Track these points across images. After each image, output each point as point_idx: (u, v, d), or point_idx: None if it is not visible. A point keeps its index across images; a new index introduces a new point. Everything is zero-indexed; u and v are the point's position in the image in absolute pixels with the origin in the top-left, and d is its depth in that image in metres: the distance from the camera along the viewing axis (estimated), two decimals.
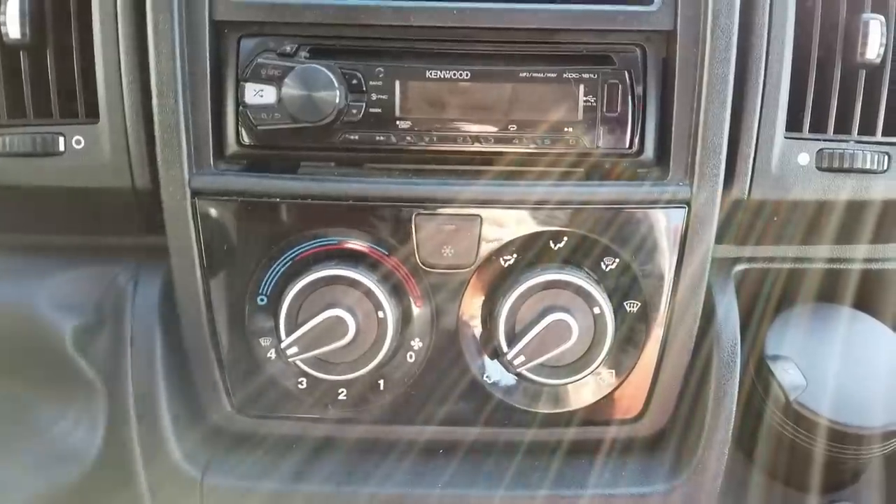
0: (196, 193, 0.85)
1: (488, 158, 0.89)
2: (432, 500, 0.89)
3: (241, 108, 0.86)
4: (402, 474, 0.91)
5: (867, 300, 1.02)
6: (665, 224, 0.86)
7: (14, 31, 0.85)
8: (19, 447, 0.84)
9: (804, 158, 0.89)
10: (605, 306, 0.84)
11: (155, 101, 0.83)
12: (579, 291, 0.84)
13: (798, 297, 1.02)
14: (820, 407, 0.90)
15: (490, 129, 0.87)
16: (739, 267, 0.99)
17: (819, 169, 0.89)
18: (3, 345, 0.88)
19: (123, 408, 0.89)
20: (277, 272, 0.86)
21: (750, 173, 0.88)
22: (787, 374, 0.92)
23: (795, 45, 0.87)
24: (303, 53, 0.86)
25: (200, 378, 0.91)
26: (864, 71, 0.89)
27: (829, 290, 1.02)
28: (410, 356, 0.89)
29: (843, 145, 0.89)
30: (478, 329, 0.89)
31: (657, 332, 0.89)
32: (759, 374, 0.95)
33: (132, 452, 0.88)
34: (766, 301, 1.01)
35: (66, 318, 0.88)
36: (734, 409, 0.90)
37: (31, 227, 0.99)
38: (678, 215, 0.86)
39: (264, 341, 0.89)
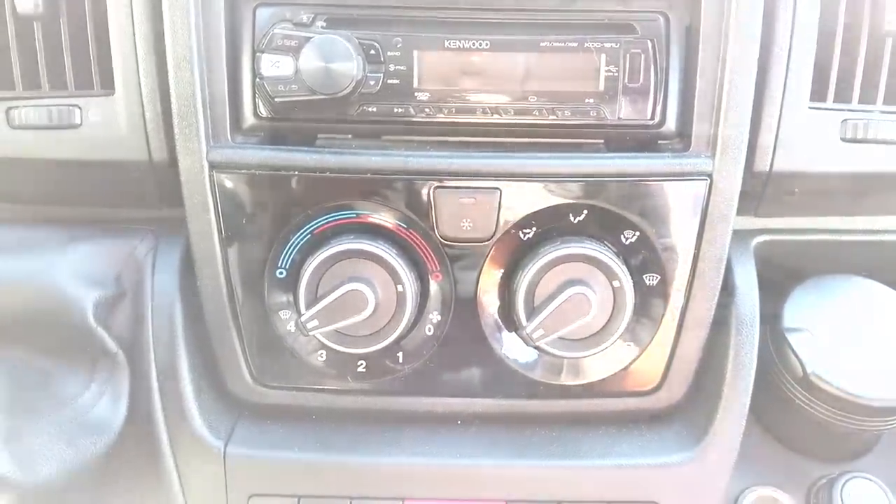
0: (214, 167, 0.85)
1: (507, 130, 0.88)
2: (450, 469, 0.90)
3: (257, 79, 0.85)
4: (419, 445, 0.92)
5: (886, 271, 1.01)
6: (686, 197, 0.85)
7: (27, 3, 0.83)
8: (46, 417, 0.85)
9: (828, 129, 0.88)
10: (625, 279, 0.84)
11: (171, 72, 0.82)
12: (598, 265, 0.84)
13: (816, 268, 1.02)
14: (836, 379, 0.90)
15: (509, 100, 0.86)
16: (759, 239, 0.98)
17: (843, 140, 0.88)
18: (26, 316, 0.88)
19: (146, 379, 0.90)
20: (296, 246, 0.86)
21: (773, 145, 0.87)
22: (805, 347, 0.92)
23: (821, 13, 0.85)
24: (319, 23, 0.85)
25: (221, 350, 0.92)
26: (891, 39, 0.87)
27: (847, 261, 1.02)
28: (429, 329, 0.90)
29: (868, 115, 0.88)
30: (496, 302, 0.89)
31: (676, 306, 0.89)
32: (775, 345, 0.95)
33: (156, 423, 0.90)
34: (784, 272, 1.01)
35: (87, 291, 0.88)
36: (752, 381, 0.91)
37: (48, 199, 0.99)
38: (700, 188, 0.85)
39: (284, 314, 0.89)
